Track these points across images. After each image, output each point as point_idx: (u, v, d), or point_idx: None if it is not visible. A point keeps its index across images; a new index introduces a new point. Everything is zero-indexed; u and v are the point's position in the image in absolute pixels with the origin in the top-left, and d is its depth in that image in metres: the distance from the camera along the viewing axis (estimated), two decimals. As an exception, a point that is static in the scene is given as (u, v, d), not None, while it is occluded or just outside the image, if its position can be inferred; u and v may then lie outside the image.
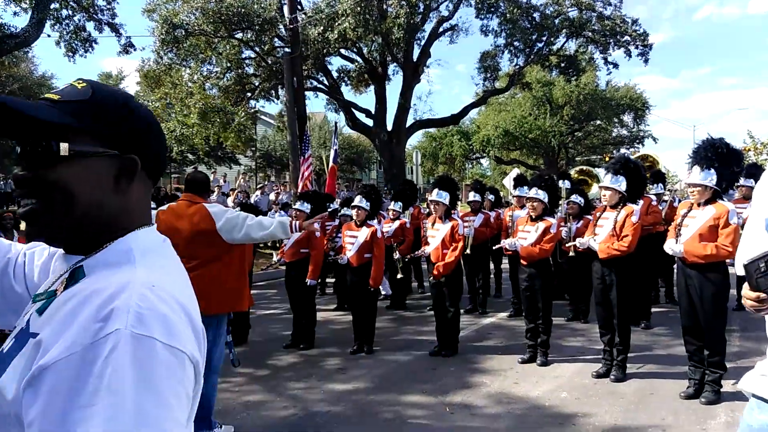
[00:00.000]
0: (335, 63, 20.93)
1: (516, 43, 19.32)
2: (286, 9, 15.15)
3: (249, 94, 19.47)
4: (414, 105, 21.23)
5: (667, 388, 4.80)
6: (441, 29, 19.49)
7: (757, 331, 5.06)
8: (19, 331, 0.87)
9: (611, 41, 18.91)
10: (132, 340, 0.74)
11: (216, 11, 15.89)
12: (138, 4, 54.49)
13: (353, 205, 6.39)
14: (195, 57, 17.68)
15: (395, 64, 19.87)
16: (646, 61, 19.16)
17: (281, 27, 16.72)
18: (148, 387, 0.73)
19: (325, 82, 20.12)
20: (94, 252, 0.90)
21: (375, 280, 5.99)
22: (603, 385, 4.93)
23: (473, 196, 8.23)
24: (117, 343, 0.73)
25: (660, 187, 7.94)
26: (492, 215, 8.40)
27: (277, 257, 7.23)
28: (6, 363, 0.82)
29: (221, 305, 3.89)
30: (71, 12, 14.46)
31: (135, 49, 16.14)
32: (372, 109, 20.20)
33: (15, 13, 14.78)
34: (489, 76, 20.84)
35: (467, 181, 32.89)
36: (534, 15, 18.66)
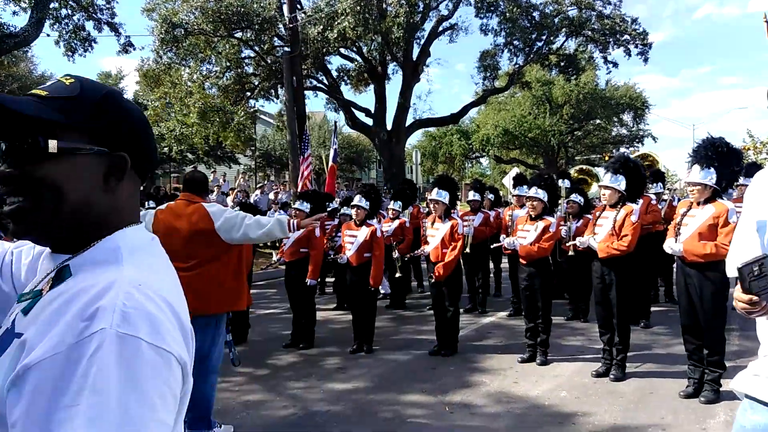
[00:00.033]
0: (335, 62, 20.96)
1: (515, 42, 19.32)
2: (285, 8, 15.15)
3: (248, 93, 19.46)
4: (413, 104, 21.24)
5: (667, 387, 4.80)
6: (440, 28, 19.48)
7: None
8: (4, 332, 0.86)
9: (611, 40, 18.92)
10: (117, 339, 0.73)
11: (215, 10, 15.87)
12: (137, 3, 54.44)
13: (353, 205, 6.39)
14: (194, 56, 17.67)
15: (395, 63, 19.86)
16: (645, 60, 19.19)
17: (281, 26, 16.71)
18: (132, 387, 0.72)
19: (325, 81, 20.11)
20: (81, 251, 0.89)
21: (375, 279, 5.98)
22: (602, 385, 4.93)
23: (473, 195, 8.24)
24: (102, 343, 0.72)
25: (659, 187, 7.95)
26: (492, 214, 8.40)
27: (277, 257, 7.23)
28: None
29: (220, 305, 3.88)
30: (70, 11, 14.45)
31: (134, 49, 16.16)
32: (372, 109, 20.19)
33: (14, 13, 14.83)
34: (488, 75, 20.84)
35: (467, 181, 32.91)
36: (533, 14, 18.67)
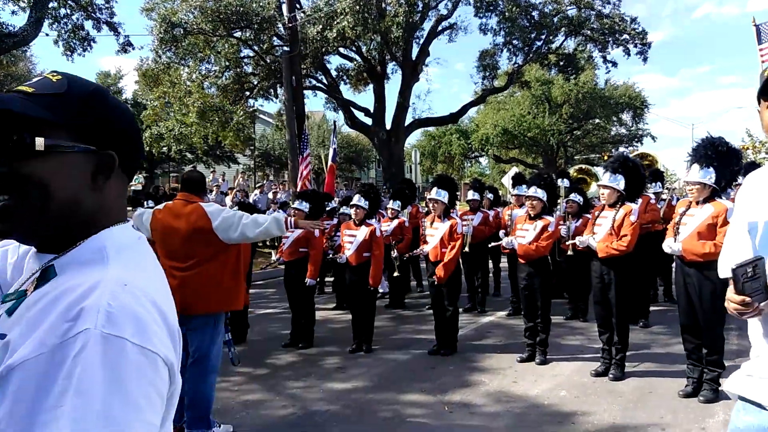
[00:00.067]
0: (334, 62, 20.94)
1: (515, 42, 19.32)
2: (284, 7, 15.15)
3: (247, 92, 19.45)
4: (413, 104, 21.25)
5: (666, 386, 4.81)
6: (440, 28, 19.48)
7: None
8: None
9: (610, 40, 18.91)
10: (102, 340, 0.72)
11: (214, 10, 15.86)
12: (136, 2, 54.50)
13: (352, 204, 6.38)
14: (193, 56, 17.66)
15: (394, 62, 19.85)
16: (645, 60, 19.20)
17: (280, 26, 16.71)
18: (117, 388, 0.71)
19: (324, 80, 20.11)
20: (66, 250, 0.87)
21: (374, 279, 5.98)
22: (602, 384, 4.93)
23: (472, 194, 8.24)
24: (86, 344, 0.72)
25: (658, 186, 7.94)
26: (491, 214, 8.40)
27: (276, 256, 7.23)
28: None
29: (218, 304, 3.88)
30: (69, 11, 14.43)
31: (133, 48, 16.14)
32: (371, 108, 20.19)
33: (13, 12, 14.75)
34: (488, 74, 20.84)
35: (466, 180, 32.92)
36: (533, 13, 18.67)
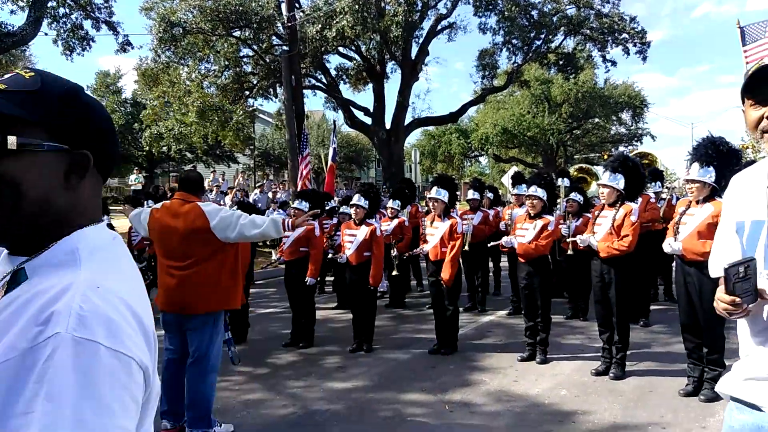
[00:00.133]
0: (333, 61, 20.95)
1: (514, 41, 19.32)
2: (284, 7, 15.15)
3: (247, 92, 19.45)
4: (412, 103, 21.27)
5: (666, 385, 4.81)
6: (439, 27, 19.48)
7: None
8: None
9: (609, 39, 18.92)
10: (73, 344, 0.71)
11: (214, 9, 15.86)
12: (135, 2, 54.52)
13: (352, 204, 6.39)
14: (193, 55, 17.66)
15: (393, 62, 19.85)
16: (644, 59, 19.21)
17: (279, 25, 16.70)
18: (89, 393, 0.70)
19: (324, 80, 20.11)
20: (38, 252, 0.85)
21: (374, 278, 5.98)
22: (602, 383, 4.94)
23: (472, 194, 8.23)
24: (57, 348, 0.70)
25: (658, 186, 7.94)
26: (491, 213, 8.40)
27: (277, 256, 7.24)
28: None
29: (217, 303, 3.89)
30: (68, 10, 14.43)
31: (132, 48, 16.14)
32: (370, 108, 20.19)
33: (12, 12, 14.76)
34: (487, 74, 20.85)
35: (466, 179, 32.92)
36: (532, 13, 18.68)
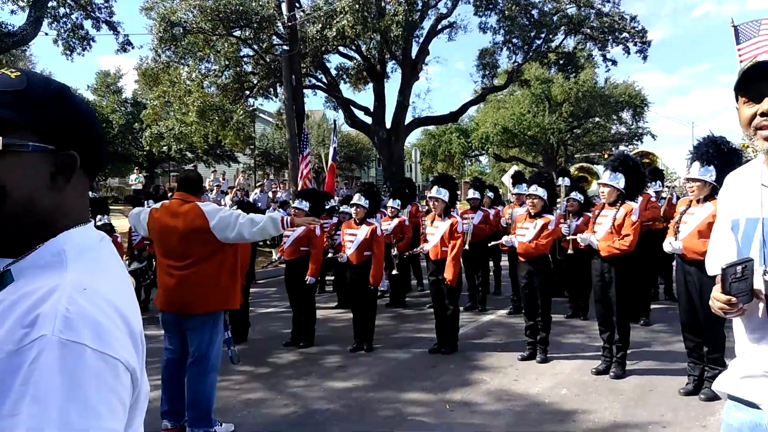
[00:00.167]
0: (334, 61, 20.95)
1: (514, 40, 19.31)
2: (284, 6, 15.16)
3: (247, 92, 19.46)
4: (413, 102, 21.27)
5: (667, 384, 4.81)
6: (439, 26, 19.48)
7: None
8: None
9: (610, 38, 18.91)
10: (59, 346, 0.71)
11: (214, 9, 15.86)
12: (136, 2, 54.54)
13: (352, 203, 6.39)
14: (193, 55, 17.66)
15: (394, 61, 19.85)
16: (644, 58, 19.20)
17: (279, 25, 16.71)
18: (75, 395, 0.70)
19: (324, 79, 20.11)
20: (24, 254, 0.84)
21: (375, 278, 5.98)
22: (602, 382, 4.94)
23: (473, 193, 8.23)
24: (42, 350, 0.70)
25: (658, 185, 7.93)
26: (491, 212, 8.40)
27: (277, 255, 7.24)
28: None
29: (217, 303, 3.89)
30: (69, 10, 14.45)
31: (133, 47, 16.17)
32: (371, 107, 20.20)
33: (12, 11, 14.77)
34: (488, 73, 20.83)
35: (466, 179, 32.93)
36: (532, 12, 18.67)
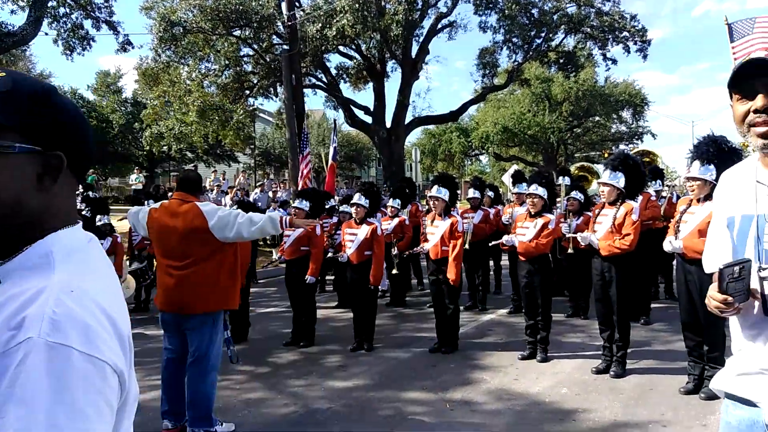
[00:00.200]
0: (334, 60, 20.96)
1: (514, 40, 19.32)
2: (284, 6, 15.16)
3: (247, 91, 19.46)
4: (413, 102, 21.27)
5: (667, 383, 4.81)
6: (439, 26, 19.48)
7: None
8: None
9: (610, 37, 18.91)
10: (46, 348, 0.71)
11: (214, 8, 15.86)
12: (135, 1, 54.49)
13: (353, 203, 6.39)
14: (193, 55, 17.66)
15: (394, 61, 19.85)
16: (644, 57, 19.21)
17: (279, 24, 16.71)
18: (62, 398, 0.70)
19: (324, 79, 20.11)
20: (11, 257, 0.84)
21: (375, 277, 5.98)
22: (603, 381, 4.94)
23: (473, 192, 8.23)
24: (29, 352, 0.70)
25: (658, 184, 7.93)
26: (491, 212, 8.40)
27: (278, 255, 7.24)
28: None
29: (216, 303, 3.90)
30: (69, 10, 14.45)
31: (133, 47, 16.16)
32: (371, 106, 20.20)
33: (12, 11, 14.79)
34: (488, 72, 20.83)
35: (466, 178, 32.93)
36: (532, 11, 18.67)
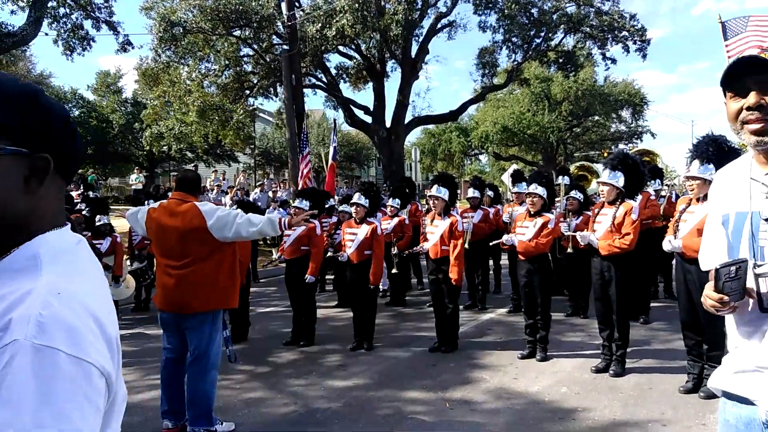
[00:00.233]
0: (333, 60, 20.95)
1: (514, 39, 19.30)
2: (284, 6, 15.16)
3: (247, 91, 19.45)
4: (412, 101, 21.26)
5: (666, 382, 4.82)
6: (439, 25, 19.47)
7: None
8: None
9: (609, 36, 18.89)
10: (32, 350, 0.71)
11: (214, 8, 15.85)
12: (135, 1, 54.51)
13: (352, 203, 6.40)
14: (193, 55, 17.66)
15: (393, 60, 19.84)
16: (644, 57, 19.16)
17: (279, 24, 16.70)
18: (48, 401, 0.69)
19: (324, 79, 20.10)
20: None
21: (375, 277, 5.99)
22: (602, 380, 4.95)
23: (472, 192, 8.24)
24: (15, 355, 0.70)
25: (658, 183, 7.92)
26: (491, 211, 8.40)
27: (278, 255, 7.25)
28: None
29: (216, 303, 3.91)
30: (69, 10, 14.46)
31: (133, 47, 16.18)
32: (371, 106, 20.19)
33: (12, 12, 14.77)
34: (487, 72, 20.81)
35: (466, 178, 32.93)
36: (532, 11, 18.65)
